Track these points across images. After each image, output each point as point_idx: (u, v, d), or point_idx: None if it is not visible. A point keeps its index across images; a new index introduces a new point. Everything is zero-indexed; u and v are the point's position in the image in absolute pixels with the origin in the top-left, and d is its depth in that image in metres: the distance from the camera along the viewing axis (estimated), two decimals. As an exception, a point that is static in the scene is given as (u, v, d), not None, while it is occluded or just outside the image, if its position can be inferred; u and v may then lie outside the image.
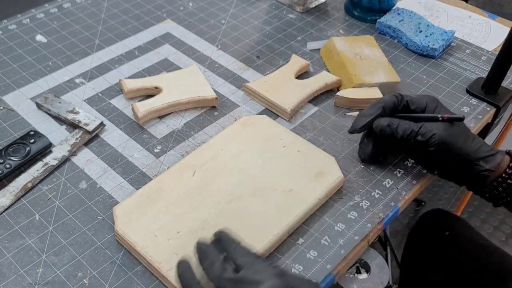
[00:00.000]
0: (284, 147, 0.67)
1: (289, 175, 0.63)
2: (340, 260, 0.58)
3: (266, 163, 0.65)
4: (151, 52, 0.85)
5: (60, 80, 0.79)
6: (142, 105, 0.72)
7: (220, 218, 0.59)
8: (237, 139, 0.68)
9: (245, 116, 0.72)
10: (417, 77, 0.83)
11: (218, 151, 0.66)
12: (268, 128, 0.70)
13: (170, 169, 0.64)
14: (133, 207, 0.59)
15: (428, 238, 0.81)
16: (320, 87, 0.77)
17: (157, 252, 0.55)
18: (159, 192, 0.61)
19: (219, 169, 0.64)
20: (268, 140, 0.68)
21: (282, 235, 0.58)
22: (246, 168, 0.64)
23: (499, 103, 0.78)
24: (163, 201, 0.60)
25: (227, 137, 0.68)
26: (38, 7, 0.93)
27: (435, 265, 0.78)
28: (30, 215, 0.61)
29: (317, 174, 0.64)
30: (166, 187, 0.62)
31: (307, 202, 0.61)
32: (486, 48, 0.89)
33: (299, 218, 0.60)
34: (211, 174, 0.63)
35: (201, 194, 0.61)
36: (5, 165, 0.64)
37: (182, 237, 0.57)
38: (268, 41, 0.89)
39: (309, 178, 0.63)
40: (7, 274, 0.55)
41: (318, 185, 0.63)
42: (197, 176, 0.63)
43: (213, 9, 0.96)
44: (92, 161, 0.67)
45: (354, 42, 0.84)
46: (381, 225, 0.62)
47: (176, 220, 0.58)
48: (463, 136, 0.61)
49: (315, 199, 0.61)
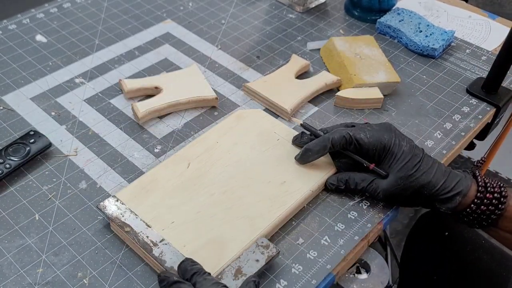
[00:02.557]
0: (278, 140, 0.68)
1: (283, 167, 0.65)
2: (340, 260, 0.58)
3: (260, 156, 0.66)
4: (151, 52, 0.85)
5: (60, 80, 0.79)
6: (142, 105, 0.72)
7: (213, 208, 0.60)
8: (232, 132, 0.69)
9: (240, 110, 0.73)
10: (417, 77, 0.83)
11: (213, 143, 0.67)
12: (263, 121, 0.71)
13: (165, 161, 0.65)
14: (128, 198, 0.60)
15: (427, 238, 0.81)
16: (320, 87, 0.77)
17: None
18: (154, 183, 0.62)
19: (213, 161, 0.65)
20: (262, 133, 0.69)
21: (275, 226, 0.59)
22: (240, 160, 0.65)
23: (499, 103, 0.78)
24: (158, 192, 0.61)
25: (222, 130, 0.69)
26: (38, 7, 0.92)
27: (434, 265, 0.78)
28: (30, 215, 0.61)
29: (310, 166, 0.65)
30: (161, 179, 0.62)
31: (300, 193, 0.62)
32: (486, 48, 0.89)
33: (292, 209, 0.61)
34: (205, 166, 0.64)
35: (195, 186, 0.62)
36: (5, 165, 0.64)
37: (176, 228, 0.57)
38: (268, 41, 0.89)
39: (302, 170, 0.64)
40: (7, 274, 0.55)
41: (311, 177, 0.64)
42: (192, 168, 0.64)
43: (213, 9, 0.96)
44: (92, 161, 0.67)
45: (354, 42, 0.84)
46: (381, 225, 0.62)
47: (170, 210, 0.59)
48: (413, 186, 0.58)
49: (308, 191, 0.62)
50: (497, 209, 0.58)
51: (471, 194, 0.58)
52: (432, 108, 0.77)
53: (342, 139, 0.61)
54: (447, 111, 0.77)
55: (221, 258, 0.55)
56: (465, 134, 0.73)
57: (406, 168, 0.59)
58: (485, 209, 0.58)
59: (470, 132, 0.74)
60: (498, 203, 0.58)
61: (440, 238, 0.79)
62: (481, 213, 0.58)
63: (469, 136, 0.74)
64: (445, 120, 0.75)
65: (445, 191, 0.58)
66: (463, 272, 0.75)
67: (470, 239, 0.77)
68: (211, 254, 0.55)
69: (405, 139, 0.61)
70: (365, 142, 0.60)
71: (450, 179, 0.59)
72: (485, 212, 0.58)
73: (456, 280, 0.76)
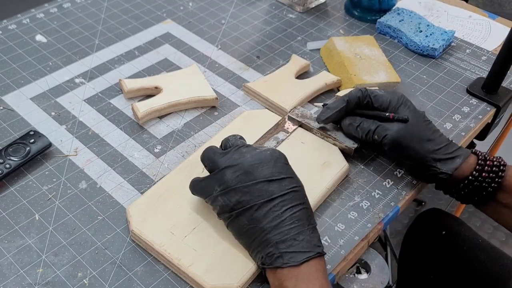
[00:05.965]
0: (288, 139, 0.68)
1: (296, 167, 0.64)
2: (340, 260, 0.58)
3: None
4: (151, 52, 0.85)
5: (60, 80, 0.79)
6: (142, 105, 0.72)
7: None
8: (242, 133, 0.68)
9: (247, 111, 0.73)
10: (417, 77, 0.83)
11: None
12: (271, 121, 0.71)
13: (179, 166, 0.64)
14: (146, 206, 0.60)
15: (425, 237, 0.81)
16: (320, 87, 0.77)
17: (176, 249, 0.56)
18: (170, 190, 0.61)
19: None
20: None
21: None
22: None
23: (499, 103, 0.78)
24: (176, 198, 0.61)
25: (231, 131, 0.68)
26: (38, 7, 0.92)
27: (432, 264, 0.78)
28: (30, 215, 0.61)
29: (323, 164, 0.65)
30: (177, 185, 0.62)
31: (317, 192, 0.61)
32: (486, 48, 0.89)
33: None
34: None
35: None
36: (5, 165, 0.64)
37: (198, 233, 0.57)
38: (268, 41, 0.89)
39: (315, 169, 0.64)
40: (7, 274, 0.55)
41: (325, 174, 0.64)
42: (206, 172, 0.63)
43: (213, 9, 0.96)
44: (92, 161, 0.67)
45: (354, 42, 0.84)
46: (381, 225, 0.62)
47: (190, 216, 0.59)
48: (421, 136, 0.61)
49: (324, 189, 0.62)
50: (497, 177, 0.60)
51: (472, 162, 0.61)
52: (432, 108, 0.77)
53: (358, 92, 0.65)
54: (447, 111, 0.77)
55: (247, 262, 0.55)
56: (465, 134, 0.73)
57: (420, 117, 0.63)
58: (486, 176, 0.60)
59: (470, 132, 0.74)
60: (498, 171, 0.60)
61: (437, 237, 0.79)
62: (483, 181, 0.60)
63: (469, 136, 0.74)
64: (445, 120, 0.75)
65: (448, 151, 0.61)
66: (460, 271, 0.75)
67: (467, 238, 0.77)
68: (236, 258, 0.55)
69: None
70: (379, 94, 0.65)
71: (452, 144, 0.63)
72: (486, 180, 0.60)
73: (453, 279, 0.76)
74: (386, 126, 0.62)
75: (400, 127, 0.62)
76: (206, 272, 0.54)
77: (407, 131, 0.61)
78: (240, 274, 0.53)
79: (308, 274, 0.50)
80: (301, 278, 0.49)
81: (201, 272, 0.54)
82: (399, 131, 0.61)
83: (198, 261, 0.55)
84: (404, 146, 0.62)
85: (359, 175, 0.67)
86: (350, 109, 0.65)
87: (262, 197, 0.52)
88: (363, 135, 0.64)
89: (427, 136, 0.62)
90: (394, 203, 0.64)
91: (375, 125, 0.63)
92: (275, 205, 0.52)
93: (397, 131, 0.61)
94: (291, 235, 0.50)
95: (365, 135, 0.64)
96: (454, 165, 0.61)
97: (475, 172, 0.61)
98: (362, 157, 0.69)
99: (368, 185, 0.66)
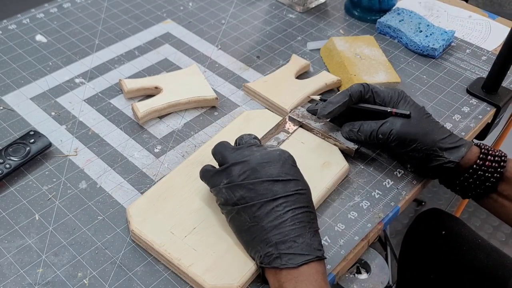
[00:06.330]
0: (289, 139, 0.68)
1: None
2: (340, 260, 0.58)
3: None
4: (151, 52, 0.85)
5: (60, 80, 0.79)
6: (142, 105, 0.72)
7: None
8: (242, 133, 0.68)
9: (248, 111, 0.73)
10: (417, 77, 0.83)
11: None
12: (271, 121, 0.71)
13: (179, 166, 0.64)
14: (146, 206, 0.60)
15: (424, 237, 0.81)
16: (320, 87, 0.77)
17: (176, 249, 0.56)
18: (170, 190, 0.61)
19: None
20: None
21: None
22: None
23: (499, 103, 0.78)
24: (175, 198, 0.61)
25: (231, 131, 0.69)
26: (38, 7, 0.92)
27: (431, 264, 0.79)
28: (30, 215, 0.61)
29: (323, 164, 0.65)
30: (177, 185, 0.62)
31: (317, 192, 0.61)
32: (486, 48, 0.89)
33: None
34: None
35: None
36: (5, 165, 0.64)
37: (198, 233, 0.57)
38: (268, 41, 0.89)
39: (315, 169, 0.64)
40: (7, 274, 0.55)
41: (325, 174, 0.64)
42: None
43: (213, 9, 0.96)
44: (92, 161, 0.67)
45: (354, 42, 0.84)
46: (381, 225, 0.62)
47: (190, 216, 0.59)
48: (424, 128, 0.62)
49: (324, 189, 0.62)
50: (499, 167, 0.61)
51: (475, 151, 0.63)
52: (432, 108, 0.77)
53: (359, 87, 0.65)
54: (447, 111, 0.77)
55: (247, 262, 0.55)
56: (465, 134, 0.73)
57: (420, 111, 0.64)
58: (489, 165, 0.61)
59: (470, 132, 0.74)
60: (500, 161, 0.62)
61: (437, 237, 0.79)
62: (486, 170, 0.61)
63: (469, 136, 0.74)
64: (445, 120, 0.75)
65: (452, 141, 0.62)
66: (460, 271, 0.75)
67: (467, 238, 0.77)
68: (236, 258, 0.55)
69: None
70: (381, 90, 0.65)
71: (454, 135, 0.64)
72: (489, 169, 0.61)
73: (452, 279, 0.76)
74: (389, 123, 0.63)
75: (403, 122, 0.62)
76: (206, 272, 0.54)
77: (411, 125, 0.62)
78: (240, 274, 0.54)
79: (308, 275, 0.50)
80: (301, 280, 0.49)
81: (201, 272, 0.54)
82: (403, 126, 0.62)
83: (198, 261, 0.55)
84: (410, 139, 0.62)
85: (359, 175, 0.67)
86: (352, 103, 0.65)
87: (266, 196, 0.52)
88: (366, 137, 0.64)
89: (430, 127, 0.63)
90: (394, 203, 0.64)
91: (377, 125, 0.63)
92: (278, 205, 0.52)
93: (402, 126, 0.62)
94: (291, 236, 0.51)
95: (369, 137, 0.64)
96: (460, 153, 0.62)
97: (479, 160, 0.62)
98: (362, 157, 0.69)
99: (368, 185, 0.66)
